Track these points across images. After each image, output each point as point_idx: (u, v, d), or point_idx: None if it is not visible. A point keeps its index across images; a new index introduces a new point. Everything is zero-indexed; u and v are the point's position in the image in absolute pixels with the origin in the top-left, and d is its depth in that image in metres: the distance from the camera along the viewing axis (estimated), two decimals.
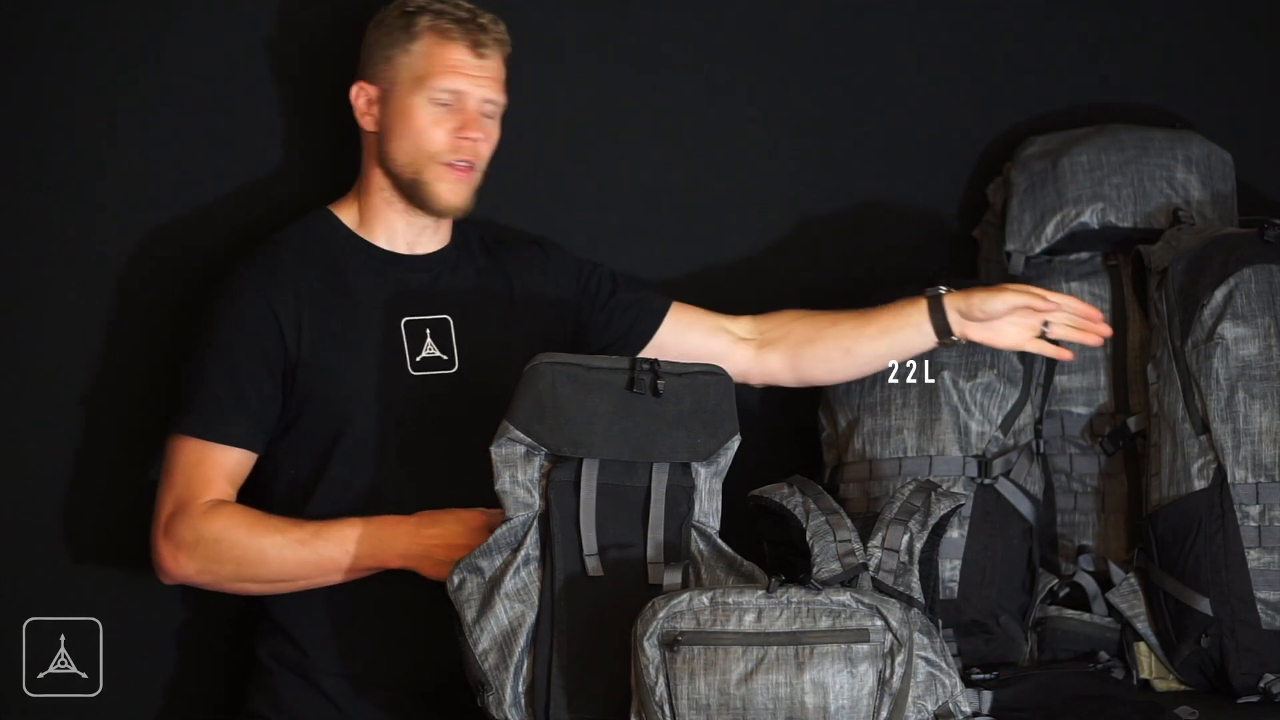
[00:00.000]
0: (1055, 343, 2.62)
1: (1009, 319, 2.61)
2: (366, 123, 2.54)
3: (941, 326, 2.61)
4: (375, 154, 2.54)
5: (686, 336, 2.68)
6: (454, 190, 2.52)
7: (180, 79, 2.67)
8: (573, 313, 2.65)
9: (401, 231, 2.56)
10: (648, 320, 2.68)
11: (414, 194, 2.52)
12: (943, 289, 2.62)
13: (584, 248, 2.81)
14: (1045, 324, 2.61)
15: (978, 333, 2.61)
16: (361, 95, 2.54)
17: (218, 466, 2.42)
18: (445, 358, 2.54)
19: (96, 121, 2.64)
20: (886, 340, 2.64)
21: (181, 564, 2.40)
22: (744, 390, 2.57)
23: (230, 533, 2.39)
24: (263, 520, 2.40)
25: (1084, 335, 2.62)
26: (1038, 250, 2.81)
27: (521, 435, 2.26)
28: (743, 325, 2.71)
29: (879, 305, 2.75)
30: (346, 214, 2.57)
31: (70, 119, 2.63)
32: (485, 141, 2.53)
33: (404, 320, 2.53)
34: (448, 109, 2.50)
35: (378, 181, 2.55)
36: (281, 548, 2.39)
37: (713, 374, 2.30)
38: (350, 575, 2.41)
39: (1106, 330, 2.64)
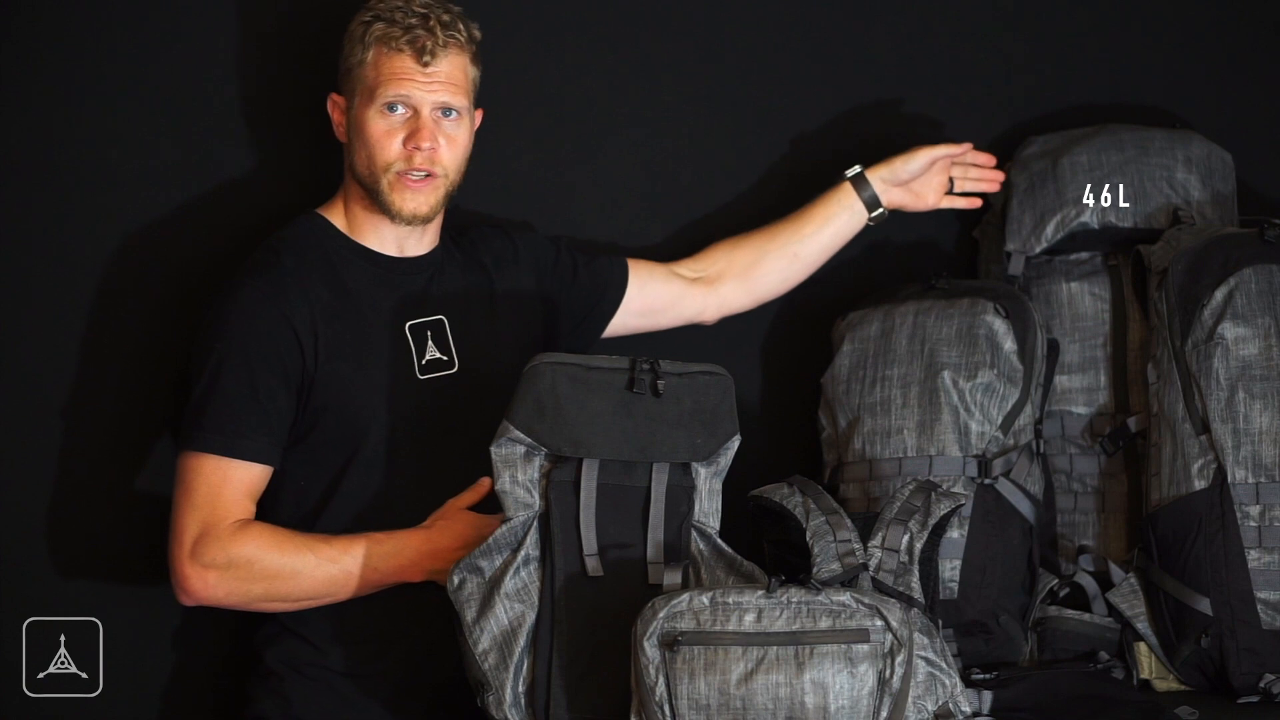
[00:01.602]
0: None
1: (925, 181, 2.83)
2: (339, 133, 2.54)
3: (870, 198, 2.81)
4: (348, 162, 2.54)
5: (647, 289, 2.75)
6: (411, 200, 2.49)
7: (160, 81, 2.66)
8: (544, 297, 2.65)
9: (389, 235, 2.54)
10: (615, 288, 2.72)
11: (377, 203, 2.50)
12: (858, 167, 2.81)
13: (580, 244, 2.81)
14: (952, 181, 2.86)
15: (900, 197, 2.84)
16: (335, 107, 2.54)
17: (241, 484, 2.40)
18: (446, 358, 2.53)
19: (74, 127, 2.62)
20: (826, 231, 2.81)
21: (211, 585, 2.37)
22: (744, 390, 2.57)
23: (264, 555, 2.37)
24: (292, 539, 2.39)
25: (982, 184, 2.88)
26: (1038, 250, 2.81)
27: (521, 435, 2.26)
28: (686, 267, 2.79)
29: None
30: (337, 218, 2.55)
31: (47, 125, 2.62)
32: (445, 148, 2.48)
33: (408, 324, 2.52)
34: (402, 118, 2.47)
35: (355, 190, 2.53)
36: (314, 567, 2.38)
37: (713, 374, 2.30)
38: (373, 589, 2.42)
39: (999, 175, 2.88)
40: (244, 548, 2.37)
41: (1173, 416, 2.60)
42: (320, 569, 2.38)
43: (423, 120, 2.47)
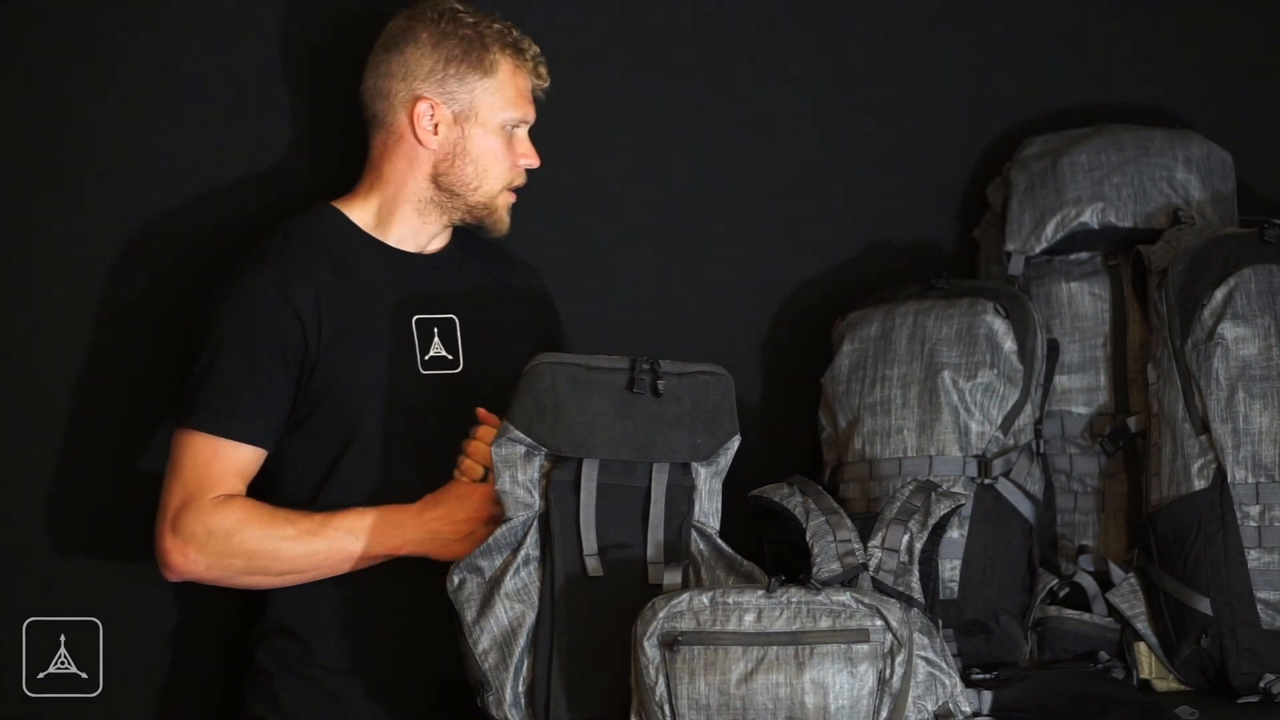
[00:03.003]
0: None
1: None
2: (426, 139, 2.50)
3: None
4: (424, 167, 2.51)
5: None
6: (510, 213, 2.57)
7: (180, 71, 2.66)
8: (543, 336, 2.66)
9: (415, 235, 2.55)
10: None
11: (478, 216, 2.54)
12: None
13: (580, 245, 2.82)
14: None
15: None
16: (431, 113, 2.49)
17: (230, 463, 2.41)
18: (450, 357, 2.53)
19: (93, 113, 2.63)
20: None
21: (191, 559, 2.38)
22: (744, 390, 2.57)
23: (242, 527, 2.37)
24: (273, 513, 2.39)
25: None
26: (1037, 250, 2.81)
27: (521, 435, 2.26)
28: None
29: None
30: (357, 212, 2.54)
31: (68, 111, 2.62)
32: None
33: (415, 319, 2.52)
34: (512, 135, 2.53)
35: (417, 192, 2.53)
36: (294, 540, 2.38)
37: (713, 374, 2.30)
38: (360, 564, 2.41)
39: None
40: (223, 520, 2.37)
41: (1173, 416, 2.60)
42: (300, 543, 2.38)
43: (527, 137, 2.55)
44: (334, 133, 2.63)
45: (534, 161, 2.55)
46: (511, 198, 2.56)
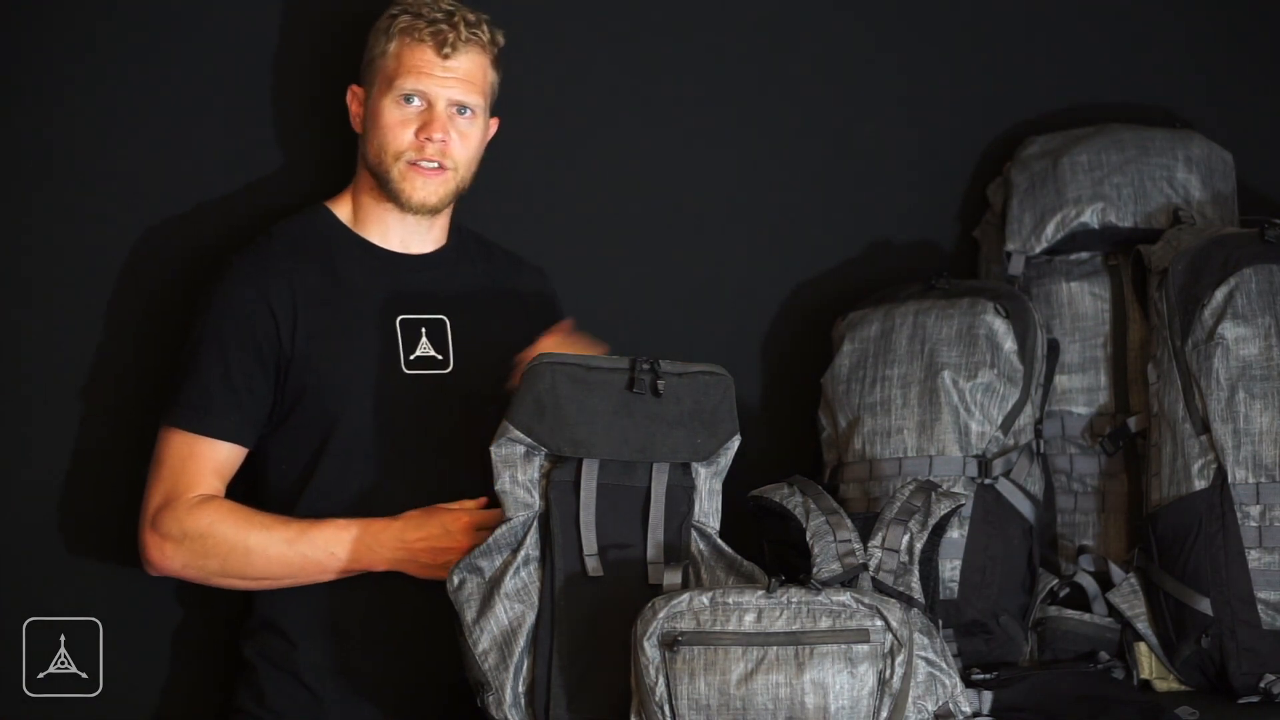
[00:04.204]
0: None
1: None
2: (356, 124, 2.56)
3: None
4: (361, 154, 2.56)
5: None
6: (421, 189, 2.51)
7: (180, 76, 2.67)
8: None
9: (394, 229, 2.56)
10: None
11: (386, 192, 2.53)
12: None
13: (580, 245, 2.82)
14: None
15: None
16: (354, 99, 2.57)
17: (207, 460, 2.42)
18: (440, 358, 2.54)
19: (97, 116, 2.64)
20: None
21: (168, 557, 2.40)
22: (744, 390, 2.57)
23: (217, 528, 2.39)
24: (250, 517, 2.40)
25: None
26: (1038, 250, 2.82)
27: (521, 435, 2.26)
28: None
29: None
30: (342, 211, 2.58)
31: (70, 113, 2.63)
32: (457, 143, 2.51)
33: (399, 318, 2.53)
34: (416, 110, 2.50)
35: (365, 181, 2.56)
36: (267, 546, 2.39)
37: (713, 374, 2.30)
38: (336, 576, 2.42)
39: None
40: (199, 521, 2.39)
41: (1173, 416, 2.60)
42: (274, 549, 2.39)
43: (436, 113, 2.50)
44: (337, 135, 2.63)
45: (434, 133, 2.49)
46: (413, 172, 2.50)
